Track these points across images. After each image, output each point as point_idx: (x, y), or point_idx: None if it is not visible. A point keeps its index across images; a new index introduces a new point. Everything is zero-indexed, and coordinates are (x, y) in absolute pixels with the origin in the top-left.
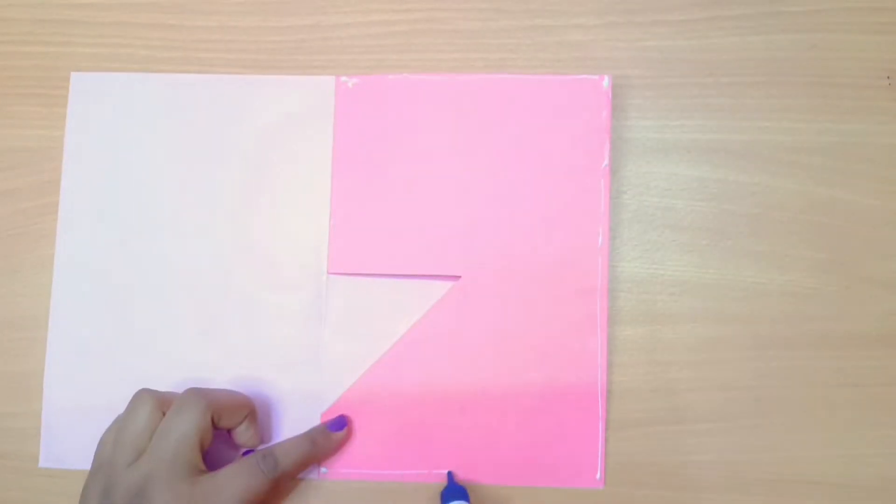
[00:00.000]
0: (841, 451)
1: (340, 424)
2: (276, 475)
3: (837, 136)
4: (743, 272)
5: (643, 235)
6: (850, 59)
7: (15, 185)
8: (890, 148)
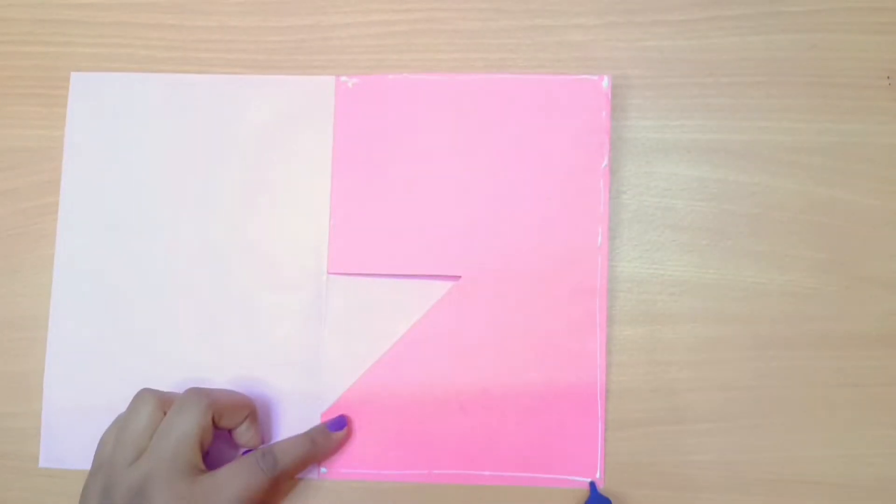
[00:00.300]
0: (841, 451)
1: (340, 424)
2: (275, 474)
3: (837, 136)
4: (743, 272)
5: (643, 235)
6: (850, 59)
7: (15, 185)
8: (890, 148)
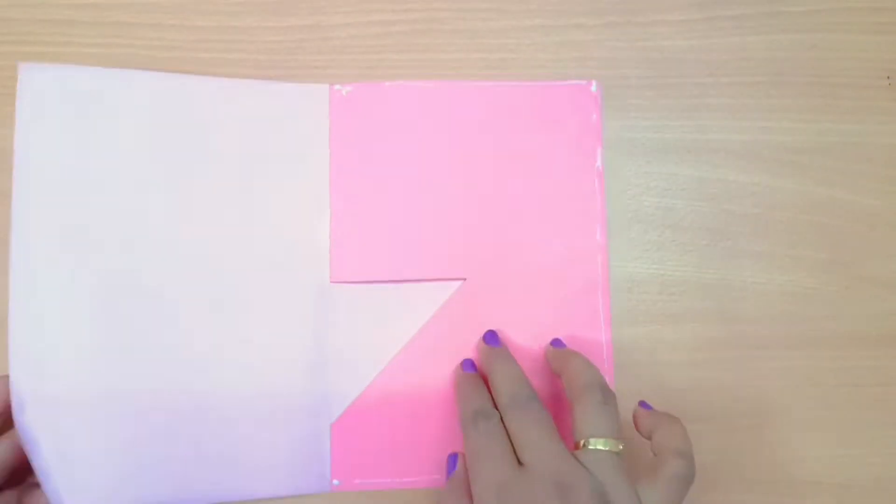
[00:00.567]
0: (841, 451)
1: None
2: None
3: (837, 136)
4: (743, 272)
5: (643, 235)
6: (850, 59)
7: None
8: (890, 148)
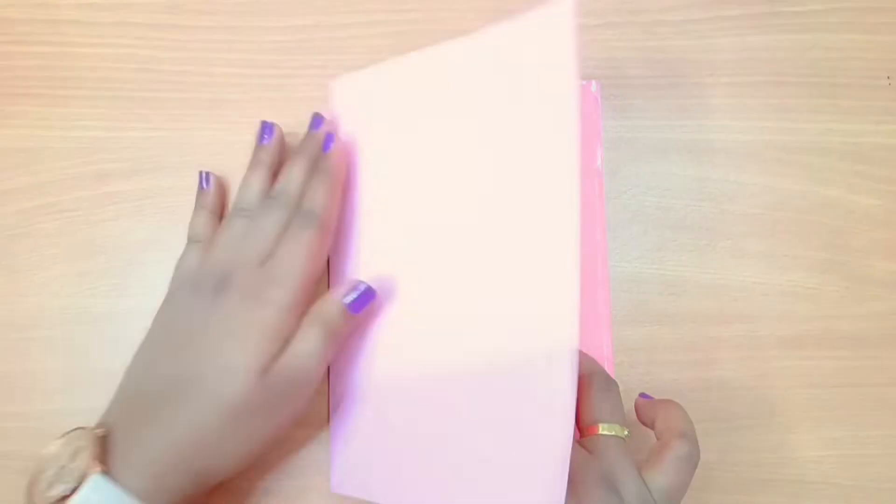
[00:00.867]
0: (841, 451)
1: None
2: (315, 226)
3: (837, 136)
4: (743, 272)
5: (643, 235)
6: (850, 59)
7: (15, 185)
8: (890, 148)
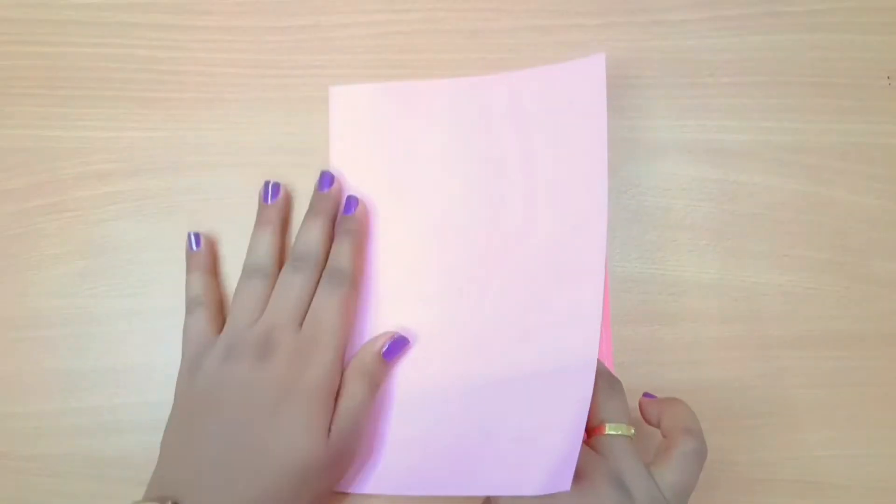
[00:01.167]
0: (841, 451)
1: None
2: (347, 284)
3: (837, 136)
4: (743, 272)
5: (643, 235)
6: (850, 59)
7: (15, 185)
8: (890, 148)
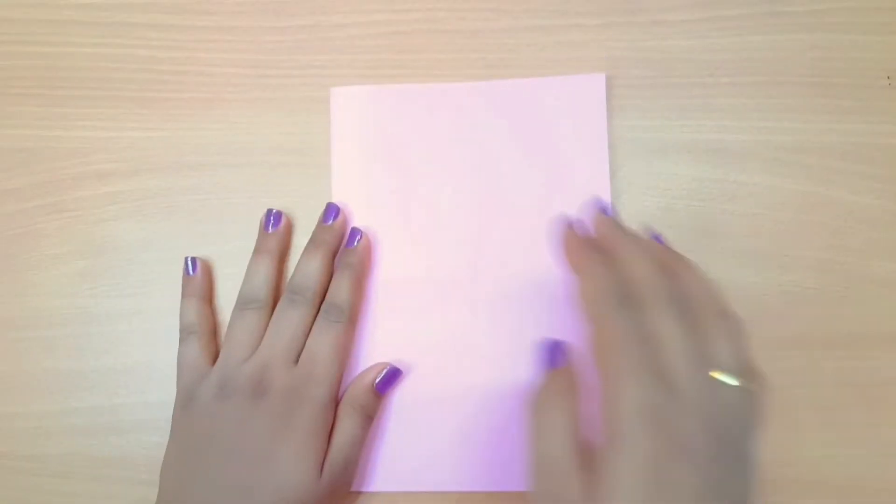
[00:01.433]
0: (841, 451)
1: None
2: (345, 320)
3: (837, 136)
4: (743, 272)
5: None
6: (850, 59)
7: (15, 184)
8: (890, 148)
